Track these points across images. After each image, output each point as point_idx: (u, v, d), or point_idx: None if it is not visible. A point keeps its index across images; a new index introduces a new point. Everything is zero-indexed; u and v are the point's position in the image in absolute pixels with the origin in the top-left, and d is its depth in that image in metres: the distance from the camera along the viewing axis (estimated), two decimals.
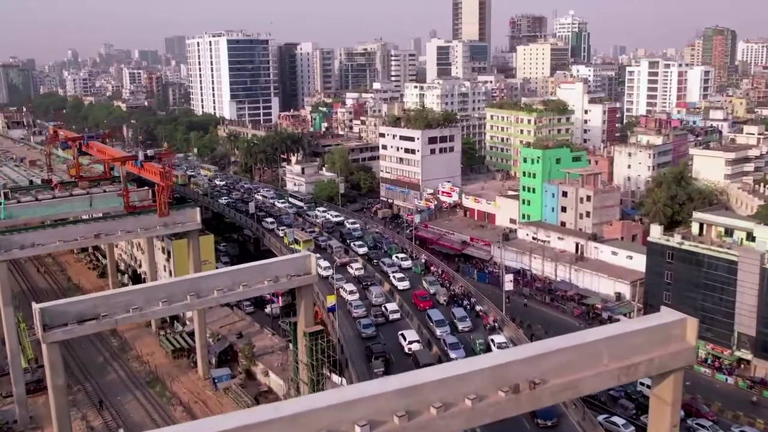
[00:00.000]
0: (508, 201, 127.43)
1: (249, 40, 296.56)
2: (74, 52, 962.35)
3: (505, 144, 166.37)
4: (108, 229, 68.83)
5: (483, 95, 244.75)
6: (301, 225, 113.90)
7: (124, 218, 70.88)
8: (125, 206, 70.34)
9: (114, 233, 68.92)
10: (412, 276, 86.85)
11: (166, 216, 68.57)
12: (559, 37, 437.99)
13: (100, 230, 68.33)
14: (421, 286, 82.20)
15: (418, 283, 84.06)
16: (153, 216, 70.88)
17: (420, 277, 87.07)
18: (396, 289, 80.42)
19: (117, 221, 70.03)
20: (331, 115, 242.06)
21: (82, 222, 72.38)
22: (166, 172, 64.46)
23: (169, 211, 68.60)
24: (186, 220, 73.10)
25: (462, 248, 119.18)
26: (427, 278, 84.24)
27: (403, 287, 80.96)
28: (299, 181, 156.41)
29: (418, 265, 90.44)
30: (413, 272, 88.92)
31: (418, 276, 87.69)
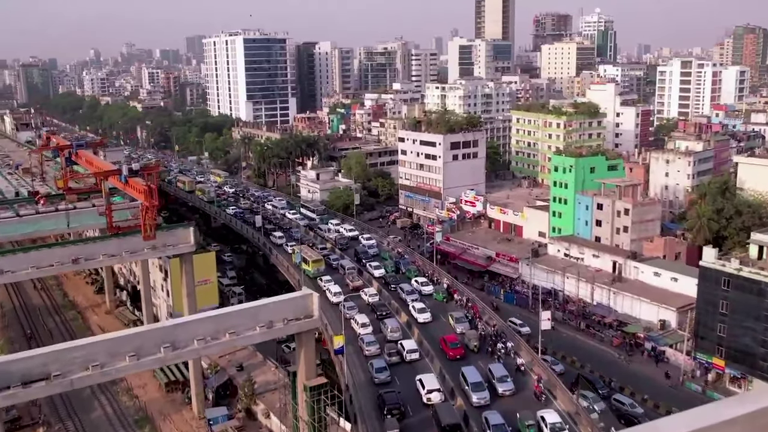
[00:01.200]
0: (536, 213, 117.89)
1: (266, 39, 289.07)
2: (96, 51, 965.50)
3: (532, 149, 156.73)
4: (88, 253, 60.79)
5: (507, 96, 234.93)
6: (311, 240, 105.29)
7: (106, 241, 62.80)
8: (108, 227, 62.34)
9: (95, 257, 60.88)
10: (434, 304, 77.34)
11: (152, 239, 60.41)
12: (585, 35, 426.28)
13: (78, 254, 60.31)
14: (447, 322, 71.50)
15: (441, 312, 74.60)
16: (140, 237, 62.72)
17: (443, 305, 77.71)
18: (415, 322, 71.15)
19: (98, 244, 62.03)
20: (349, 117, 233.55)
21: (58, 245, 64.35)
22: (151, 190, 56.26)
23: (156, 234, 60.35)
24: (178, 241, 64.86)
25: (487, 265, 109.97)
26: (454, 314, 72.57)
27: (423, 320, 71.66)
28: (313, 187, 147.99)
29: (440, 291, 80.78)
30: (434, 298, 79.80)
31: (441, 303, 78.40)
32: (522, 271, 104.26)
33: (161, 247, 63.06)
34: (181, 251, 64.24)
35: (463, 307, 77.43)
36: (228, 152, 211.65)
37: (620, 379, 75.29)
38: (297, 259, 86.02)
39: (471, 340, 64.75)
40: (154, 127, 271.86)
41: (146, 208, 57.13)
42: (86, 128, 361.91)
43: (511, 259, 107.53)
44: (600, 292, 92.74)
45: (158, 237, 62.91)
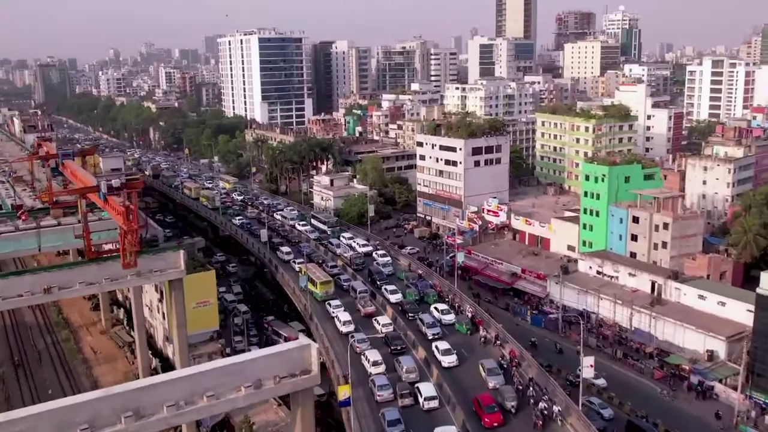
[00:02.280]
0: (565, 225, 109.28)
1: (281, 38, 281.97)
2: (116, 51, 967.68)
3: (558, 154, 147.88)
4: (62, 281, 53.55)
5: (530, 97, 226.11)
6: (321, 257, 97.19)
7: (84, 266, 55.54)
8: (86, 251, 55.07)
9: (70, 286, 53.56)
10: (458, 340, 67.67)
11: (133, 267, 53.07)
12: (609, 34, 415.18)
13: (51, 283, 53.10)
14: (476, 371, 60.49)
15: (465, 347, 65.47)
16: None
17: (467, 339, 68.60)
18: (436, 362, 61.80)
19: (75, 270, 54.78)
20: (365, 119, 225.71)
21: (28, 272, 57.17)
22: (129, 211, 48.90)
23: (137, 260, 52.94)
24: (167, 266, 57.37)
25: (512, 282, 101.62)
26: (485, 363, 60.15)
27: (449, 364, 61.21)
28: (327, 194, 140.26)
29: (464, 323, 71.52)
30: (456, 329, 71.01)
31: (465, 337, 69.31)
32: (550, 290, 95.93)
33: (147, 273, 55.72)
34: (170, 277, 56.78)
35: (491, 343, 67.95)
36: (240, 155, 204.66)
37: (664, 418, 66.85)
38: (302, 283, 78.04)
39: (507, 399, 54.32)
40: (167, 128, 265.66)
41: (124, 232, 49.78)
42: (99, 129, 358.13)
43: (538, 276, 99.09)
44: (638, 316, 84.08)
45: (144, 262, 55.62)
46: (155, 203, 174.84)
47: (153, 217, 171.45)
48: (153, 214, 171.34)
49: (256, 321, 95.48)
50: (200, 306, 79.94)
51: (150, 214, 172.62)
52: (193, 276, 79.46)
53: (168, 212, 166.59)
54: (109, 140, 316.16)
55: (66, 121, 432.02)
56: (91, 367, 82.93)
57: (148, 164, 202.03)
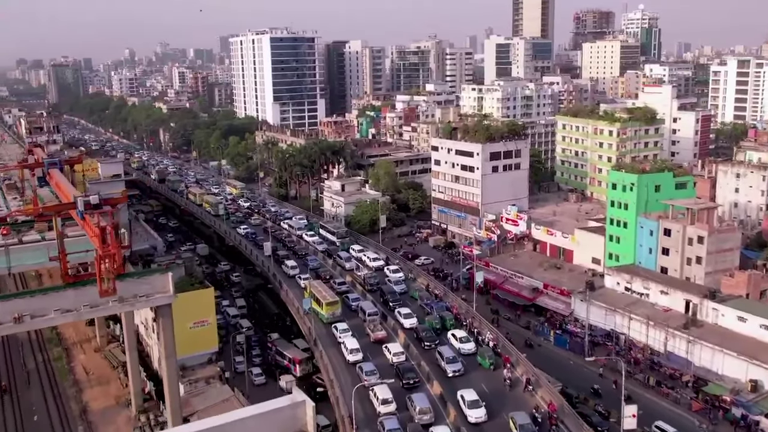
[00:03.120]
0: (589, 236, 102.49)
1: (293, 38, 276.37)
2: (131, 51, 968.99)
3: (580, 159, 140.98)
4: (35, 309, 47.89)
5: (549, 98, 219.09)
6: (328, 272, 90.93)
7: (59, 292, 49.90)
8: (62, 275, 49.48)
9: (44, 314, 47.88)
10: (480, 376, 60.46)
11: (111, 294, 47.33)
12: (628, 33, 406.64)
13: (22, 310, 47.43)
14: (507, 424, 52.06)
15: (490, 389, 57.70)
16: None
17: (490, 376, 61.02)
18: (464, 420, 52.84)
19: (49, 296, 49.10)
20: (379, 120, 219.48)
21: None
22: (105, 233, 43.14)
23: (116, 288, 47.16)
24: (153, 290, 51.52)
25: (533, 297, 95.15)
26: (517, 418, 51.60)
27: (476, 419, 52.38)
28: (338, 201, 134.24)
29: (486, 356, 63.42)
30: (478, 363, 63.67)
31: (487, 373, 61.84)
32: (575, 308, 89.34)
33: (130, 299, 49.96)
34: (157, 303, 51.00)
35: (519, 386, 59.62)
36: (250, 158, 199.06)
37: None
38: (306, 306, 71.75)
39: None
40: (177, 129, 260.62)
41: (100, 257, 44.01)
42: (110, 129, 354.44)
43: (561, 292, 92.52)
44: (673, 339, 77.31)
45: (127, 286, 49.92)
46: (159, 206, 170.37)
47: (156, 221, 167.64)
48: (156, 217, 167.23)
49: (260, 338, 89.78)
50: (197, 326, 74.35)
51: (154, 217, 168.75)
52: (191, 294, 73.93)
53: (173, 216, 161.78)
54: (119, 141, 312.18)
55: (78, 121, 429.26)
56: (82, 390, 77.43)
57: (153, 167, 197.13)
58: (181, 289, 74.70)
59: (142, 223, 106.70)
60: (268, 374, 79.23)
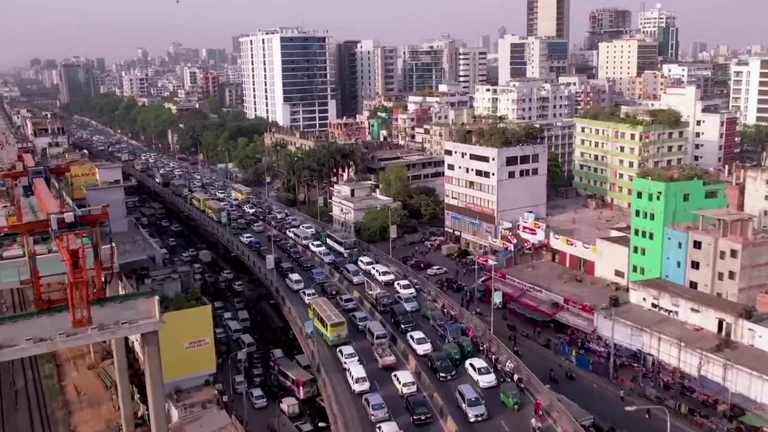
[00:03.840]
0: (612, 247, 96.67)
1: (304, 37, 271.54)
2: (144, 51, 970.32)
3: (600, 163, 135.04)
4: (5, 338, 42.92)
5: (565, 100, 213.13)
6: (335, 286, 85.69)
7: (32, 319, 45.02)
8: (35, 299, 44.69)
9: (15, 344, 42.88)
10: (507, 419, 54.05)
11: (85, 325, 42.38)
12: (645, 32, 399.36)
13: None
14: None
15: None
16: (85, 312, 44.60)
17: (514, 417, 54.57)
18: None
19: (21, 324, 44.19)
20: (390, 122, 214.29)
21: None
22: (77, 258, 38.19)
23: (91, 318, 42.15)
24: (137, 316, 46.51)
25: (553, 313, 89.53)
26: None
27: None
28: (347, 207, 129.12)
29: (510, 393, 56.70)
30: (502, 401, 57.23)
31: (511, 414, 55.30)
32: (598, 325, 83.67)
33: (111, 326, 44.95)
34: (142, 330, 46.02)
35: None
36: (259, 161, 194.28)
37: None
38: (308, 329, 66.47)
39: None
40: (186, 130, 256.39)
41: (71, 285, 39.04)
42: (118, 130, 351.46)
43: (583, 307, 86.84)
44: (707, 362, 71.50)
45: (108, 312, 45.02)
46: (162, 209, 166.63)
47: (159, 224, 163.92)
48: (159, 220, 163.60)
49: (263, 355, 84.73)
50: (194, 346, 69.36)
51: (157, 220, 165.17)
52: (187, 312, 69.17)
53: (177, 219, 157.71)
54: (129, 142, 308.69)
55: (89, 121, 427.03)
56: (72, 412, 72.72)
57: (157, 171, 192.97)
58: (177, 306, 70.09)
59: (141, 231, 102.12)
60: (270, 395, 74.23)
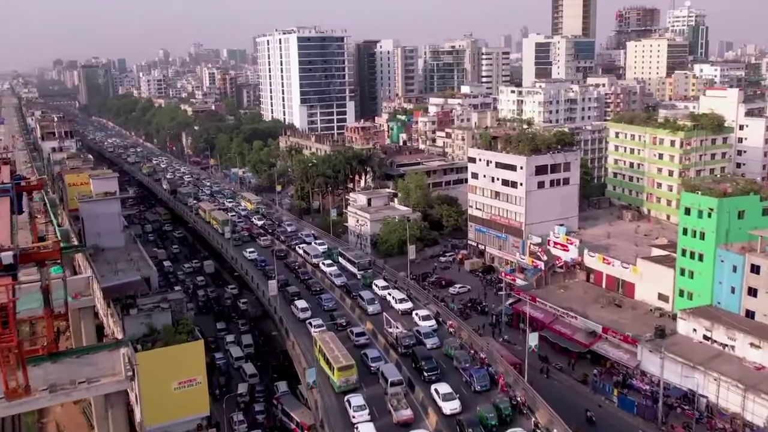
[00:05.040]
0: (655, 268, 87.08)
1: (321, 37, 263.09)
2: (165, 51, 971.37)
3: (636, 171, 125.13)
4: None
5: (594, 102, 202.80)
6: (346, 316, 76.75)
7: None
8: None
9: None
10: None
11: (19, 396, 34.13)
12: (673, 31, 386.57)
13: None
14: None
15: None
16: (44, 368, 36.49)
17: None
18: None
19: None
20: (410, 125, 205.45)
21: None
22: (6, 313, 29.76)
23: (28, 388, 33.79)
24: (98, 373, 38.27)
25: (590, 343, 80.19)
26: None
27: None
28: (363, 217, 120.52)
29: None
30: None
31: None
32: (642, 359, 74.28)
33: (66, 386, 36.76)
34: (105, 390, 37.77)
35: None
36: (273, 165, 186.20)
37: None
38: (310, 379, 57.52)
39: None
40: (200, 133, 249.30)
41: None
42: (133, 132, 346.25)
43: (625, 338, 77.42)
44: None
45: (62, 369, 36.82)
46: (167, 215, 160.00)
47: (161, 229, 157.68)
48: (161, 225, 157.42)
49: (266, 387, 76.50)
50: (184, 386, 60.62)
51: (161, 226, 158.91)
52: (176, 348, 60.52)
53: (183, 225, 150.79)
54: (144, 145, 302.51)
55: (106, 123, 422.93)
56: None
57: (164, 177, 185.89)
58: (165, 342, 61.69)
59: (139, 247, 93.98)
60: None
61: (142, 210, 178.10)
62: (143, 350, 60.51)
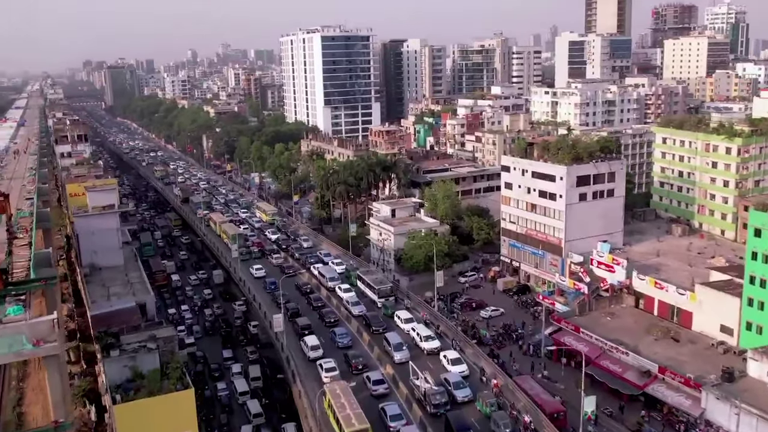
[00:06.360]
0: (717, 296, 76.30)
1: (346, 36, 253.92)
2: (193, 52, 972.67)
3: (686, 181, 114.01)
4: None
5: (634, 103, 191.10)
6: (363, 356, 66.70)
7: None
8: None
9: None
10: None
11: None
12: (712, 29, 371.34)
13: None
14: None
15: None
16: None
17: None
18: None
19: None
20: (438, 128, 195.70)
21: None
22: None
23: None
24: None
25: (644, 385, 69.74)
26: None
27: None
28: (386, 230, 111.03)
29: None
30: None
31: None
32: (707, 406, 63.74)
33: None
34: None
35: None
36: (294, 170, 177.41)
37: None
38: None
39: None
40: (221, 135, 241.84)
41: None
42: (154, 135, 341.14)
43: (686, 381, 66.90)
44: None
45: None
46: (178, 220, 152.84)
47: (170, 235, 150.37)
48: (171, 231, 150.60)
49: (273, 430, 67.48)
50: None
51: (169, 231, 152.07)
52: (165, 399, 52.21)
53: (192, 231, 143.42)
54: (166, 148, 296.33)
55: (130, 124, 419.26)
56: None
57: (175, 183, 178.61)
58: (150, 391, 53.16)
59: (139, 266, 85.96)
60: None
61: (153, 215, 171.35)
62: (124, 401, 52.19)
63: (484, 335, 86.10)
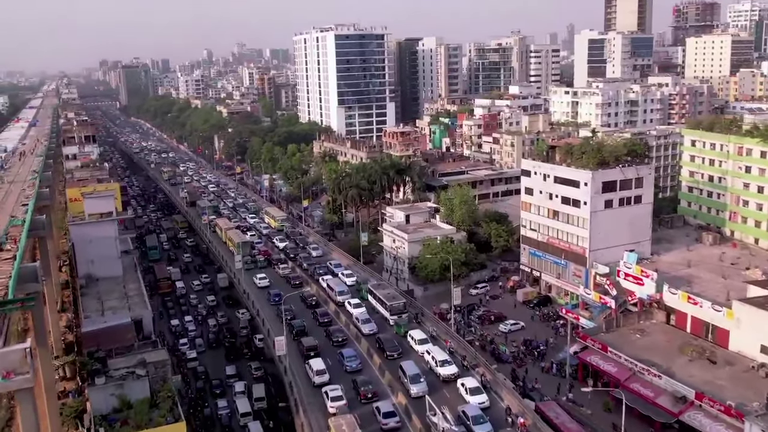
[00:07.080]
0: (757, 314, 70.35)
1: (360, 35, 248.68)
2: (209, 51, 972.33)
3: (717, 186, 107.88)
4: None
5: (657, 103, 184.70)
6: (373, 382, 61.37)
7: None
8: None
9: None
10: None
11: None
12: (735, 26, 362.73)
13: None
14: None
15: None
16: None
17: None
18: None
19: None
20: (454, 129, 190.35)
21: None
22: None
23: None
24: None
25: (679, 412, 63.95)
26: None
27: None
28: (399, 237, 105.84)
29: None
30: None
31: None
32: None
33: None
34: None
35: None
36: (306, 172, 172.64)
37: None
38: None
39: None
40: (233, 136, 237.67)
41: None
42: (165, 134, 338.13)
43: (726, 410, 61.12)
44: None
45: None
46: (184, 223, 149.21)
47: (176, 237, 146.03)
48: (176, 233, 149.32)
49: None
50: None
51: (175, 234, 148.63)
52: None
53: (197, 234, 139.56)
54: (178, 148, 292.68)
55: (143, 124, 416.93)
56: None
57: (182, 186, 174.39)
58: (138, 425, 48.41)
59: (138, 277, 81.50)
60: None
61: (160, 217, 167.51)
62: None
63: (503, 351, 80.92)
